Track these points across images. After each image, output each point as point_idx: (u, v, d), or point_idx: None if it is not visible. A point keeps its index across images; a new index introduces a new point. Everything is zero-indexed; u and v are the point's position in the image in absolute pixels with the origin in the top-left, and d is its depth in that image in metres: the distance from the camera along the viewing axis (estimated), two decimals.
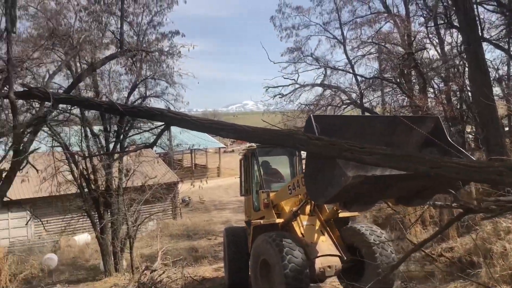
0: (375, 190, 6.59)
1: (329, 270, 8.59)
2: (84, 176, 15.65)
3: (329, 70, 19.21)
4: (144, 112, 7.29)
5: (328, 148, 5.74)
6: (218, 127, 6.62)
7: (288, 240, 8.36)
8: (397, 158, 5.55)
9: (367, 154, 5.29)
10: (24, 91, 6.82)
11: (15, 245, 21.24)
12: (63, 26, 14.04)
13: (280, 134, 6.32)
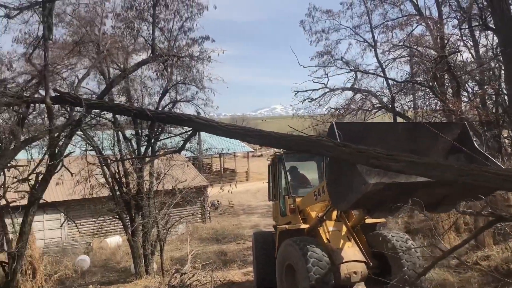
0: (397, 197, 6.70)
1: (355, 276, 8.57)
2: (116, 179, 15.94)
3: (360, 73, 19.02)
4: (173, 118, 7.42)
5: (355, 155, 5.73)
6: (244, 133, 6.69)
7: (313, 245, 8.41)
8: (424, 165, 5.50)
9: (394, 161, 5.36)
10: (56, 96, 7.03)
11: (50, 246, 21.80)
12: (97, 33, 14.37)
13: (307, 140, 6.29)
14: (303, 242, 8.56)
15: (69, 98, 7.05)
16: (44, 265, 13.66)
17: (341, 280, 8.53)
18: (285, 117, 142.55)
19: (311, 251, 8.22)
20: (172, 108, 16.93)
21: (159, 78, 16.49)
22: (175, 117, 7.13)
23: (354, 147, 5.59)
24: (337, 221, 9.48)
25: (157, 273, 15.60)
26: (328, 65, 18.97)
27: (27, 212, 8.62)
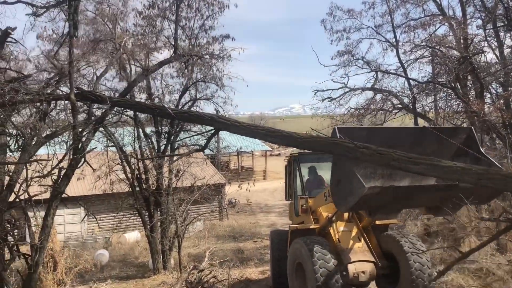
0: (396, 200, 7.04)
1: (363, 275, 8.75)
2: (136, 175, 16.14)
3: (380, 73, 18.79)
4: (195, 117, 7.51)
5: (376, 157, 5.77)
6: (265, 133, 6.76)
7: (321, 245, 8.62)
8: (444, 168, 5.51)
9: (413, 164, 5.47)
10: (80, 93, 7.17)
11: (70, 240, 22.19)
12: (119, 30, 14.54)
13: (328, 141, 6.32)
14: (312, 242, 8.75)
15: (91, 96, 7.20)
16: (65, 258, 13.90)
17: (350, 280, 8.72)
18: (304, 116, 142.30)
19: (319, 252, 8.43)
20: (192, 106, 17.06)
21: (180, 76, 16.65)
22: (197, 116, 7.22)
23: (375, 148, 5.70)
24: (348, 221, 9.63)
25: (175, 269, 15.74)
26: (348, 65, 18.81)
27: (50, 206, 8.80)
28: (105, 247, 21.07)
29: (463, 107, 16.41)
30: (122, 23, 14.89)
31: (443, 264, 11.34)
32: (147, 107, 8.17)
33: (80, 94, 7.30)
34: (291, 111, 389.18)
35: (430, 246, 13.46)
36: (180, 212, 15.87)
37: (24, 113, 8.65)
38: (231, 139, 23.23)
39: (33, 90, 7.29)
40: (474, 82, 16.56)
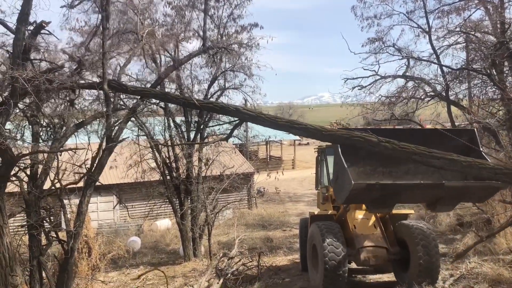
0: (385, 195, 7.83)
1: (374, 259, 9.55)
2: (167, 164, 16.39)
3: (412, 60, 18.30)
4: (220, 108, 7.68)
5: (398, 151, 6.05)
6: (290, 125, 6.94)
7: (333, 230, 9.41)
8: (462, 163, 5.80)
9: (434, 158, 5.87)
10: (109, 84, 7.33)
11: (103, 227, 22.77)
12: (149, 20, 14.67)
13: (351, 135, 6.50)
14: (326, 227, 9.52)
15: (115, 85, 7.37)
16: (99, 245, 14.27)
17: (361, 262, 9.65)
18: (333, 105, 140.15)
19: (330, 238, 9.15)
20: (221, 96, 17.13)
21: (208, 66, 16.72)
22: (222, 107, 7.44)
23: (397, 143, 6.12)
24: (367, 210, 10.29)
25: (205, 256, 15.98)
26: (379, 52, 18.38)
27: (84, 194, 9.04)
28: (137, 234, 21.54)
29: (499, 94, 15.88)
30: (152, 14, 15.02)
31: (477, 255, 11.13)
32: (173, 97, 8.28)
33: (110, 85, 7.48)
34: (320, 99, 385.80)
35: (463, 236, 13.21)
36: (209, 200, 16.07)
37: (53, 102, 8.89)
38: (259, 128, 23.23)
39: (67, 79, 7.48)
40: (511, 68, 15.97)
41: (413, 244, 9.30)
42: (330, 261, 8.93)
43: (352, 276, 10.86)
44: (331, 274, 8.95)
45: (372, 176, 8.70)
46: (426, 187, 7.93)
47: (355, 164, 8.70)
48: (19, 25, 7.12)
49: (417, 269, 9.15)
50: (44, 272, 8.54)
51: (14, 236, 8.22)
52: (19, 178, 8.10)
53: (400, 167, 8.75)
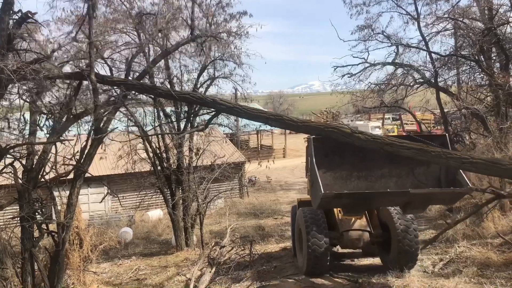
0: (357, 202, 8.60)
1: (357, 242, 10.22)
2: (157, 154, 16.33)
3: (401, 47, 18.36)
4: (197, 99, 7.76)
5: (370, 141, 6.31)
6: (267, 117, 7.18)
7: (318, 217, 9.93)
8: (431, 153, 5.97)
9: (405, 148, 6.20)
10: (77, 73, 7.29)
11: (95, 219, 22.70)
12: (136, 9, 14.48)
13: (326, 126, 6.85)
14: (311, 213, 10.02)
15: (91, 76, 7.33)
16: (90, 236, 14.20)
17: (344, 245, 10.43)
18: (323, 93, 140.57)
19: (313, 226, 9.70)
20: (210, 85, 17.04)
21: (198, 55, 16.57)
22: (199, 98, 7.59)
23: (369, 134, 6.47)
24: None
25: (197, 246, 16.02)
26: (368, 39, 18.40)
27: (73, 185, 8.99)
28: (129, 225, 21.51)
29: (487, 80, 16.00)
30: (139, 3, 14.83)
31: (465, 239, 11.30)
32: (150, 88, 8.26)
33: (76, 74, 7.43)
34: (310, 88, 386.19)
35: (452, 222, 13.38)
36: (201, 190, 16.06)
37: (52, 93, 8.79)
38: None
39: (54, 69, 7.40)
40: (499, 54, 16.09)
41: (393, 227, 9.77)
42: (312, 246, 9.51)
43: (341, 260, 11.26)
44: (314, 260, 9.59)
45: (348, 180, 9.43)
46: (393, 195, 8.61)
47: (331, 170, 9.42)
48: (2, 14, 7.01)
49: (396, 252, 9.65)
50: (36, 264, 8.51)
51: (4, 229, 8.18)
52: (14, 168, 8.03)
53: (375, 171, 9.40)
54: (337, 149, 9.19)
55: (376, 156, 8.73)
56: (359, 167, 9.42)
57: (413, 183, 9.06)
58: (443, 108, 17.62)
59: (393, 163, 9.12)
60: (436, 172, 9.05)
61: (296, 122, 6.96)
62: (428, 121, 36.01)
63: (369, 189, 9.08)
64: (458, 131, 17.62)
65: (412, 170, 9.26)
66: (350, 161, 9.36)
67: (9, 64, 6.53)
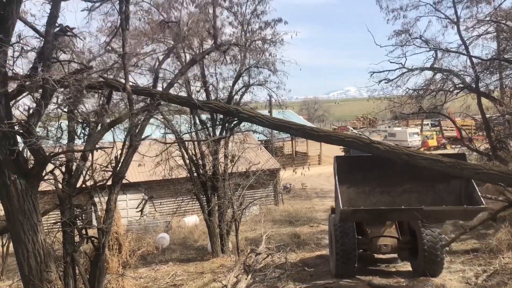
0: (374, 216, 9.71)
1: (385, 248, 10.70)
2: (194, 161, 16.54)
3: (440, 52, 17.93)
4: (220, 108, 7.97)
5: (389, 151, 6.62)
6: (287, 126, 7.34)
7: (348, 222, 10.54)
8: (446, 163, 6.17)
9: (421, 159, 6.48)
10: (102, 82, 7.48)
11: (133, 224, 23.15)
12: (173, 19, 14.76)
13: (345, 137, 6.99)
14: (340, 223, 10.58)
15: (115, 84, 7.53)
16: (129, 242, 14.52)
17: (373, 250, 10.99)
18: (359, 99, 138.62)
19: (342, 228, 10.43)
20: (245, 92, 17.16)
21: (233, 63, 16.72)
22: (222, 107, 7.79)
23: (387, 144, 6.81)
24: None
25: (233, 252, 16.08)
26: (406, 44, 18.08)
27: (111, 191, 9.20)
28: (166, 231, 21.82)
29: None
30: (176, 13, 15.13)
31: (510, 250, 10.88)
32: (173, 97, 8.42)
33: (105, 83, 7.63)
34: (346, 94, 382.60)
35: (495, 231, 12.89)
36: (236, 197, 16.14)
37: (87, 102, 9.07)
38: None
39: (94, 80, 7.64)
40: None
41: (420, 235, 10.26)
42: (341, 250, 10.32)
43: (377, 265, 11.94)
44: (342, 263, 10.44)
45: (371, 195, 10.02)
46: (407, 211, 9.14)
47: (355, 185, 10.07)
48: (48, 27, 7.28)
49: (422, 258, 10.17)
50: (77, 268, 8.75)
51: (48, 233, 8.46)
52: (54, 175, 8.31)
53: (397, 187, 9.93)
54: (360, 166, 10.02)
55: (398, 172, 9.40)
56: (381, 183, 9.95)
57: (433, 199, 9.56)
58: (485, 113, 17.07)
59: (414, 179, 9.64)
60: (456, 188, 9.56)
61: (317, 132, 7.24)
62: (468, 127, 34.93)
63: (391, 204, 9.70)
64: (501, 137, 17.01)
65: (433, 186, 9.75)
66: (373, 177, 9.96)
67: (53, 74, 6.78)
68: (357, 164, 10.16)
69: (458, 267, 10.96)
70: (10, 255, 15.56)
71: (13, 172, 7.07)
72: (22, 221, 7.19)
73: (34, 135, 7.00)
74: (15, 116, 7.45)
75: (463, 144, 19.25)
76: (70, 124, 8.68)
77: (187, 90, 16.34)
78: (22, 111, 7.61)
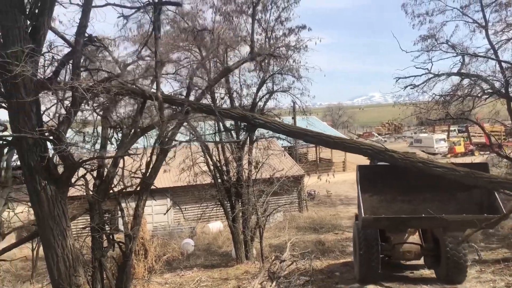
0: (394, 224, 10.02)
1: (408, 254, 10.87)
2: (218, 167, 16.63)
3: (468, 57, 17.59)
4: (237, 114, 8.05)
5: (403, 159, 6.74)
6: (303, 133, 7.43)
7: (371, 232, 10.63)
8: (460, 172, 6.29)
9: (435, 167, 6.55)
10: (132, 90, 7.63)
11: (158, 230, 23.42)
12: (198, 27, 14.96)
13: (361, 144, 7.06)
14: (364, 230, 10.70)
15: (146, 93, 7.66)
16: (154, 247, 14.67)
17: (396, 257, 11.10)
18: (384, 105, 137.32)
19: (365, 235, 10.54)
20: (269, 99, 17.20)
21: (257, 70, 16.81)
22: (239, 114, 7.86)
23: (402, 153, 6.92)
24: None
25: (257, 259, 16.06)
26: (432, 50, 17.81)
27: (140, 197, 9.34)
28: (191, 237, 21.99)
29: None
30: (200, 21, 15.32)
31: None
32: (196, 106, 8.52)
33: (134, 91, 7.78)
34: (370, 100, 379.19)
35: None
36: (260, 203, 16.14)
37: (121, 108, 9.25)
38: None
39: (124, 88, 7.79)
40: None
41: (443, 242, 10.30)
42: (364, 255, 10.42)
43: (402, 271, 11.99)
44: (365, 268, 10.55)
45: (393, 203, 10.32)
46: (426, 219, 9.33)
47: (377, 193, 10.41)
48: (78, 37, 7.48)
49: (445, 265, 10.19)
50: (105, 273, 8.89)
51: (77, 238, 8.63)
52: (85, 180, 8.48)
53: (419, 195, 10.18)
54: (382, 175, 10.39)
55: (419, 181, 9.53)
56: (403, 192, 10.28)
57: (455, 208, 9.70)
58: None
59: (435, 189, 9.85)
60: (478, 197, 9.70)
61: (333, 139, 7.24)
62: (498, 133, 34.12)
63: (412, 212, 9.89)
64: None
65: (455, 195, 9.95)
66: (395, 186, 10.27)
67: (82, 83, 6.95)
68: (379, 173, 10.58)
69: (489, 277, 10.68)
70: (39, 259, 15.94)
71: (43, 178, 7.25)
72: (52, 226, 7.35)
73: (64, 142, 7.18)
74: (46, 123, 7.66)
75: (492, 150, 18.80)
76: (103, 130, 8.86)
77: (211, 96, 16.49)
78: (52, 119, 7.83)
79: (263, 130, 16.90)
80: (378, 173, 10.66)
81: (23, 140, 7.04)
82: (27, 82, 6.78)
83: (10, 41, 6.71)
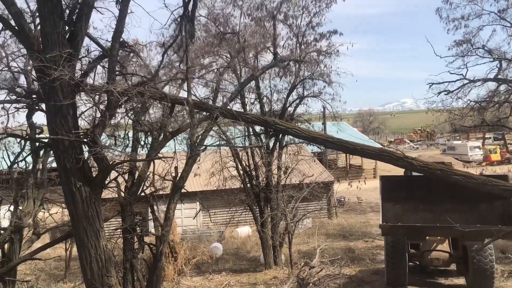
0: (413, 232, 10.43)
1: (437, 261, 11.36)
2: (247, 172, 16.67)
3: (505, 62, 17.14)
4: (258, 119, 8.17)
5: (422, 167, 6.77)
6: (324, 139, 7.46)
7: (397, 239, 11.15)
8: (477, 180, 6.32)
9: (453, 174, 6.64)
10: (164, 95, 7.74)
11: (187, 233, 23.59)
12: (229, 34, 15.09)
13: (380, 151, 7.13)
14: (392, 240, 11.28)
15: (188, 99, 7.75)
16: (184, 250, 14.81)
17: (425, 263, 11.62)
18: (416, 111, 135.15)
19: (393, 242, 11.06)
20: (299, 104, 17.12)
21: (287, 75, 16.78)
22: (260, 119, 8.00)
23: (420, 160, 6.99)
24: None
25: (285, 265, 15.97)
26: (467, 55, 17.46)
27: (171, 200, 9.45)
28: (219, 241, 22.04)
29: None
30: (231, 26, 15.44)
31: None
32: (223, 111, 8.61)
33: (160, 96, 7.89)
34: (402, 106, 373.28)
35: None
36: (289, 209, 16.06)
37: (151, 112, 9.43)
38: (338, 136, 22.92)
39: (157, 92, 7.92)
40: None
41: (470, 250, 10.62)
42: (392, 261, 11.03)
43: (434, 277, 12.39)
44: (393, 273, 11.15)
45: (415, 212, 10.79)
46: (442, 228, 9.86)
47: (400, 203, 10.96)
48: (113, 42, 7.66)
49: (472, 273, 10.60)
50: (136, 274, 9.02)
51: (110, 239, 8.79)
52: (117, 183, 8.65)
53: (440, 205, 10.54)
54: (405, 185, 11.14)
55: (441, 191, 10.09)
56: (425, 201, 10.74)
57: (475, 218, 9.98)
58: None
59: (457, 199, 10.18)
60: (499, 208, 10.03)
61: (353, 145, 7.32)
62: None
63: (433, 221, 10.25)
64: None
65: (476, 206, 10.23)
66: (417, 196, 10.83)
67: (118, 87, 7.12)
68: (402, 183, 11.39)
69: None
70: (72, 259, 16.33)
71: (78, 179, 7.44)
72: (86, 227, 7.53)
73: (99, 144, 7.35)
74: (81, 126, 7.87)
75: None
76: (135, 134, 9.03)
77: (241, 102, 16.57)
78: (88, 122, 8.04)
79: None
80: (402, 183, 11.42)
81: (59, 142, 7.25)
82: (64, 86, 6.99)
83: (49, 46, 6.94)
